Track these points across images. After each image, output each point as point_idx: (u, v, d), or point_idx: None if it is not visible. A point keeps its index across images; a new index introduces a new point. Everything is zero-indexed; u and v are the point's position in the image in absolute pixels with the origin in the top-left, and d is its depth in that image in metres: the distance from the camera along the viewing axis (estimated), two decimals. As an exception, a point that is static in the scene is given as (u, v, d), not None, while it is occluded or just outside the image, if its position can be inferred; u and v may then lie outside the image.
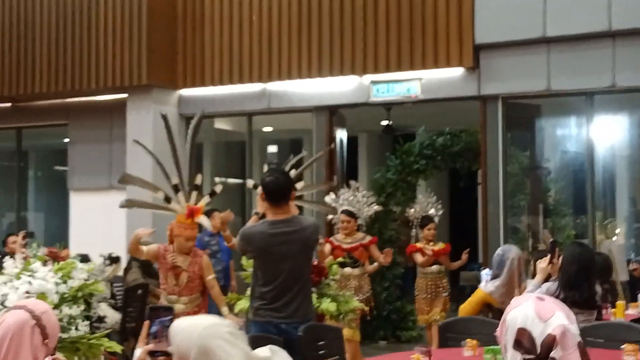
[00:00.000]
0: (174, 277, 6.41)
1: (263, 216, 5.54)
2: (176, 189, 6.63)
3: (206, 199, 6.71)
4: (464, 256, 8.92)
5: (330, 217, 9.21)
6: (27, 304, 2.80)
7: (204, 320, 2.60)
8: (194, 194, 6.59)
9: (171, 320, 2.80)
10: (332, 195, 9.38)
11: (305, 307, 5.22)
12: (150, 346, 2.80)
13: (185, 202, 6.63)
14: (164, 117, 7.09)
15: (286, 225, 5.16)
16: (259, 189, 5.78)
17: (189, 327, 2.57)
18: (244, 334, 2.62)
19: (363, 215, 9.25)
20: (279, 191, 5.19)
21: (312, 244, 5.39)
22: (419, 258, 9.02)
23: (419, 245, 9.15)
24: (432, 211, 9.55)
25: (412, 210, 9.68)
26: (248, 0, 10.56)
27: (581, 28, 8.86)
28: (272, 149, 12.52)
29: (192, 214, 6.44)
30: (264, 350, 2.64)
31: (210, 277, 6.46)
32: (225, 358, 2.50)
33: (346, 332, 8.53)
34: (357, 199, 9.24)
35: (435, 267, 8.96)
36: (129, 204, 7.43)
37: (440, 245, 9.04)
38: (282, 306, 5.12)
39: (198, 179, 6.76)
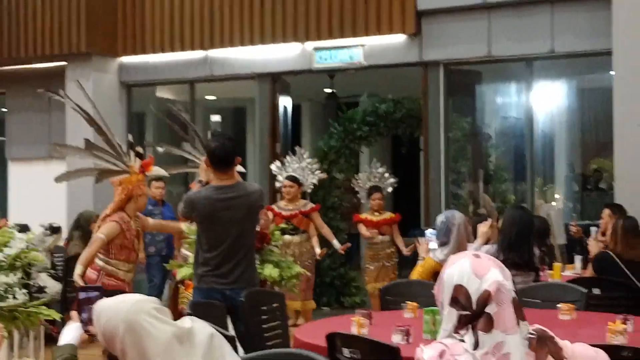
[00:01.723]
0: (138, 242, 6.27)
1: (206, 184, 5.50)
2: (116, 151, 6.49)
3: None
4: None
5: (277, 184, 9.22)
6: None
7: (128, 298, 2.60)
8: (132, 154, 6.41)
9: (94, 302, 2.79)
10: (277, 163, 9.42)
11: (250, 273, 5.24)
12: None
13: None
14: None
15: (231, 190, 5.14)
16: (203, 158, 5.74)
17: (114, 306, 2.56)
18: (167, 310, 2.61)
19: (307, 183, 9.29)
20: (225, 157, 5.14)
21: (257, 209, 5.40)
22: (362, 230, 9.07)
23: (362, 216, 9.20)
24: (387, 182, 9.59)
25: (359, 180, 9.65)
26: (188, -35, 10.46)
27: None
28: (216, 118, 12.43)
29: (144, 168, 6.27)
30: (185, 321, 2.63)
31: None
32: (153, 332, 2.49)
33: (298, 305, 8.62)
34: (301, 166, 9.28)
35: (379, 238, 9.01)
36: (63, 177, 7.26)
37: (386, 215, 9.08)
38: (227, 272, 5.13)
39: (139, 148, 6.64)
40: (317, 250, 8.61)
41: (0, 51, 11.07)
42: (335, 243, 8.79)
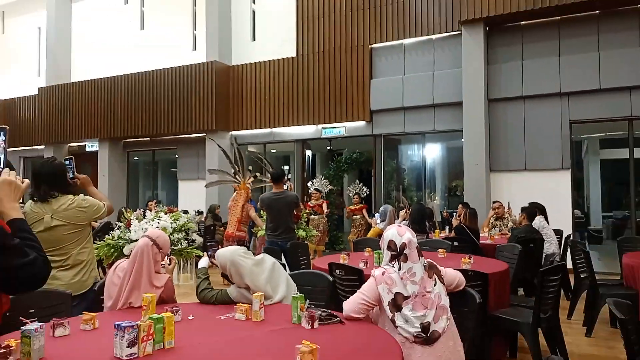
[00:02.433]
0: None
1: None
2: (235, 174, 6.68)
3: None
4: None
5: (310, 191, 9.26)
6: (149, 233, 2.68)
7: (230, 248, 2.59)
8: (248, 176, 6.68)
9: (217, 248, 2.79)
10: (309, 183, 9.62)
11: (289, 233, 5.12)
12: (208, 260, 2.78)
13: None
14: (232, 144, 7.19)
15: (280, 194, 5.07)
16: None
17: (223, 252, 2.56)
18: (250, 252, 2.59)
19: (324, 191, 9.46)
20: (278, 176, 5.11)
21: (293, 205, 5.21)
22: (349, 213, 9.05)
23: (351, 207, 9.19)
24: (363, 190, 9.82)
25: (353, 190, 9.81)
26: (263, 85, 10.43)
27: (420, 102, 8.83)
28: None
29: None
30: (260, 256, 2.62)
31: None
32: (242, 263, 2.48)
33: (314, 247, 8.58)
34: (322, 184, 9.48)
35: (356, 217, 8.97)
36: (209, 185, 7.31)
37: (360, 205, 9.04)
38: (278, 234, 5.05)
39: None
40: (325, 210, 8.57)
41: (176, 128, 11.01)
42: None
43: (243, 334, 2.06)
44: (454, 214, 7.37)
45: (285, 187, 5.40)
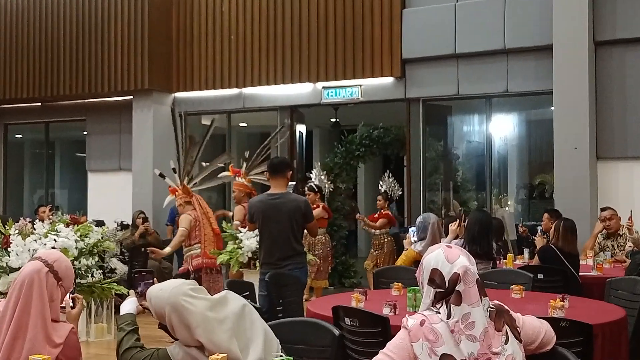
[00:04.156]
0: None
1: None
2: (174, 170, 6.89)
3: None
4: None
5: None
6: (41, 255, 2.72)
7: (170, 284, 2.59)
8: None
9: (152, 282, 2.81)
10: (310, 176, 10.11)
11: (292, 258, 5.18)
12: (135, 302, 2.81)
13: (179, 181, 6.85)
14: (179, 115, 7.38)
15: (277, 197, 5.15)
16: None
17: (159, 292, 2.56)
18: (203, 288, 2.61)
19: (325, 191, 9.56)
20: (277, 169, 5.23)
21: (298, 214, 5.20)
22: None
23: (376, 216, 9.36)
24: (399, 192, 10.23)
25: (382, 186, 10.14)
26: (227, 23, 10.48)
27: (482, 47, 8.92)
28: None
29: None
30: (221, 294, 2.62)
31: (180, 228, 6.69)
32: (191, 308, 2.48)
33: (313, 283, 8.63)
34: (321, 180, 9.60)
35: (377, 233, 9.11)
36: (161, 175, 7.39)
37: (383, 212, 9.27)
38: (277, 259, 5.14)
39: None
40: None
41: (82, 87, 11.09)
42: None
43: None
44: (538, 228, 7.39)
45: (290, 184, 5.46)
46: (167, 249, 6.67)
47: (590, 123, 7.96)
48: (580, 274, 5.49)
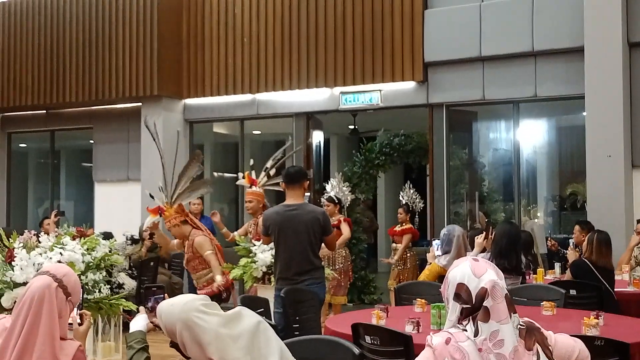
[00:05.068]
0: None
1: None
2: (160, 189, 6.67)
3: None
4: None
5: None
6: (49, 269, 2.74)
7: (181, 299, 2.60)
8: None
9: (163, 297, 2.82)
10: (326, 186, 10.00)
11: (310, 273, 5.21)
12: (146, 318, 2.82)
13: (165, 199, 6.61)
14: (154, 124, 7.17)
15: (294, 208, 5.18)
16: None
17: (170, 308, 2.57)
18: (216, 303, 2.61)
19: (345, 202, 9.60)
20: (294, 178, 5.27)
21: (316, 226, 5.22)
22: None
23: (396, 229, 9.30)
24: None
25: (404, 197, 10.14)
26: (240, 25, 10.53)
27: (509, 49, 8.90)
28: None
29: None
30: (234, 310, 2.62)
31: (207, 253, 6.12)
32: (203, 325, 2.49)
33: (328, 296, 8.61)
34: (341, 190, 9.62)
35: (398, 246, 9.07)
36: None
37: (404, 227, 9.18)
38: (295, 274, 5.17)
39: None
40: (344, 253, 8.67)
41: (89, 94, 11.15)
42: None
43: None
44: (570, 241, 7.35)
45: (307, 195, 5.47)
46: (218, 278, 6.27)
47: (624, 129, 7.90)
48: (615, 289, 5.45)
